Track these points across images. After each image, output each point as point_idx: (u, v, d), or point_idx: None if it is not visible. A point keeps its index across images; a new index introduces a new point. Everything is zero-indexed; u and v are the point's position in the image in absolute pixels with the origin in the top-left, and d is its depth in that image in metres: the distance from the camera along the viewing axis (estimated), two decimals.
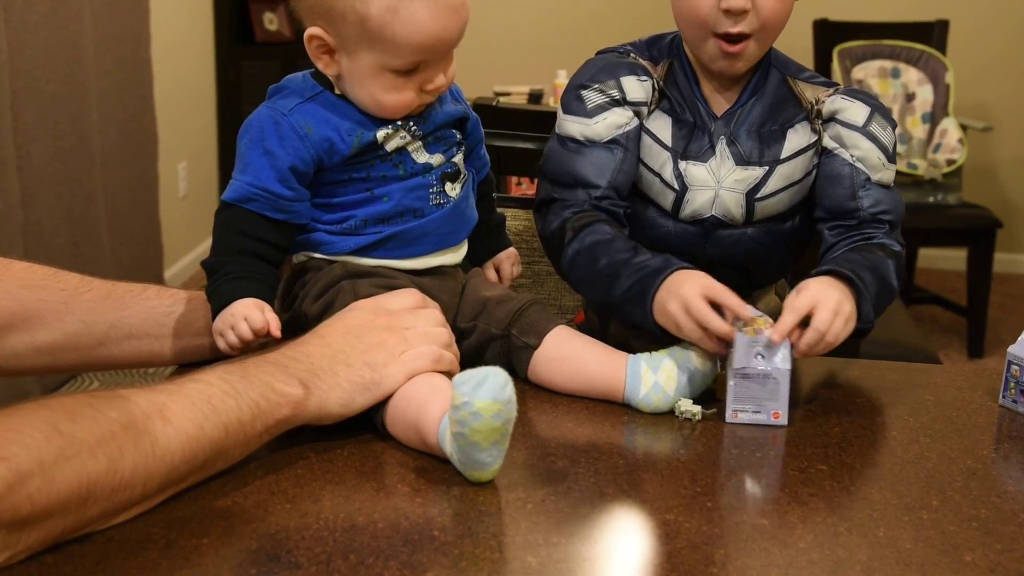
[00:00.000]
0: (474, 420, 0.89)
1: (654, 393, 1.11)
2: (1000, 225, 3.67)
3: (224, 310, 1.06)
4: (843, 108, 1.29)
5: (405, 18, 1.05)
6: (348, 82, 1.11)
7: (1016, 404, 1.17)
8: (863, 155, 1.29)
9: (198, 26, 4.32)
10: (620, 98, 1.29)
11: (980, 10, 4.43)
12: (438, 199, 1.16)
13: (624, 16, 4.68)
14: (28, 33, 2.80)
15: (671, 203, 1.31)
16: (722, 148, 1.29)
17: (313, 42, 1.10)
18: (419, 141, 1.15)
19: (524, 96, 3.87)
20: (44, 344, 1.12)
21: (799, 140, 1.30)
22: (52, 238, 2.96)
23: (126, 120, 3.48)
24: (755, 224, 1.32)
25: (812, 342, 1.11)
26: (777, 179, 1.29)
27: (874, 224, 1.29)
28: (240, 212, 1.09)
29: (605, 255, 1.22)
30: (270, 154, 1.09)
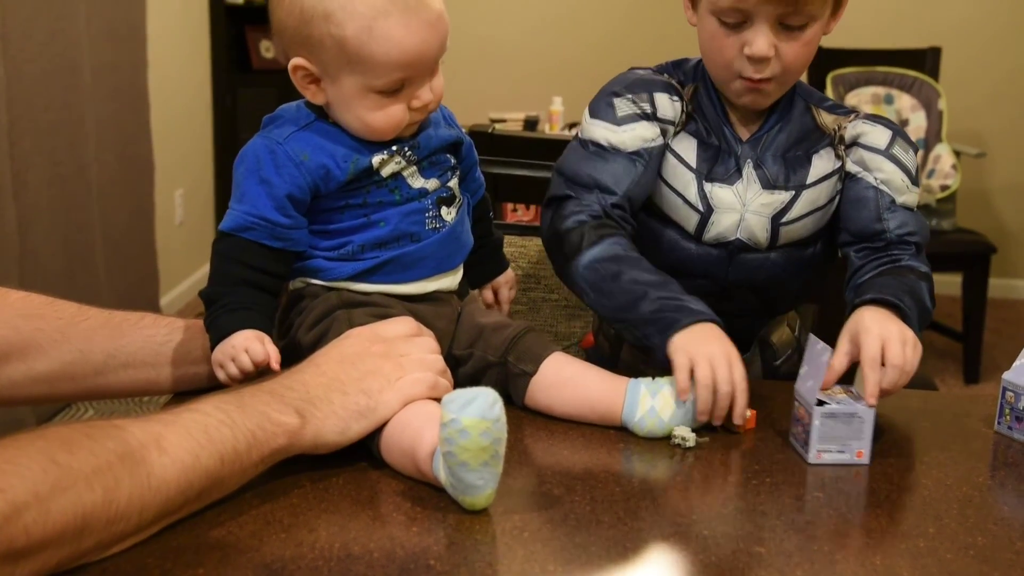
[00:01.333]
0: (461, 438, 0.89)
1: (649, 417, 1.11)
2: (994, 250, 3.68)
3: (224, 341, 1.06)
4: (865, 132, 1.31)
5: (381, 36, 1.06)
6: (336, 108, 1.12)
7: (1012, 431, 1.17)
8: (887, 178, 1.30)
9: (195, 54, 4.33)
10: (651, 112, 1.29)
11: (972, 37, 4.46)
12: (434, 223, 1.17)
13: (621, 43, 4.71)
14: (25, 61, 2.81)
15: (695, 225, 1.31)
16: (749, 172, 1.30)
17: (298, 72, 1.10)
18: (414, 166, 1.15)
19: (520, 123, 3.88)
20: (41, 373, 1.12)
21: (824, 166, 1.31)
22: (48, 265, 2.96)
23: (123, 147, 3.49)
24: (778, 249, 1.32)
25: (895, 380, 1.12)
26: (803, 204, 1.30)
27: (901, 246, 1.30)
28: (238, 241, 1.09)
29: (633, 271, 1.21)
30: (267, 183, 1.09)
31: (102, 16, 3.27)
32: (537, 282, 1.72)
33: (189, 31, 4.27)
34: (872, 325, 1.15)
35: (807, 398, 1.09)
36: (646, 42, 4.67)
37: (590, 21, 4.74)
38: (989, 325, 3.99)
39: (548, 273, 1.72)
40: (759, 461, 1.09)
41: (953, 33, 4.38)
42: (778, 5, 1.18)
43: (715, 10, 1.22)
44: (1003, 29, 4.49)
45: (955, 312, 3.92)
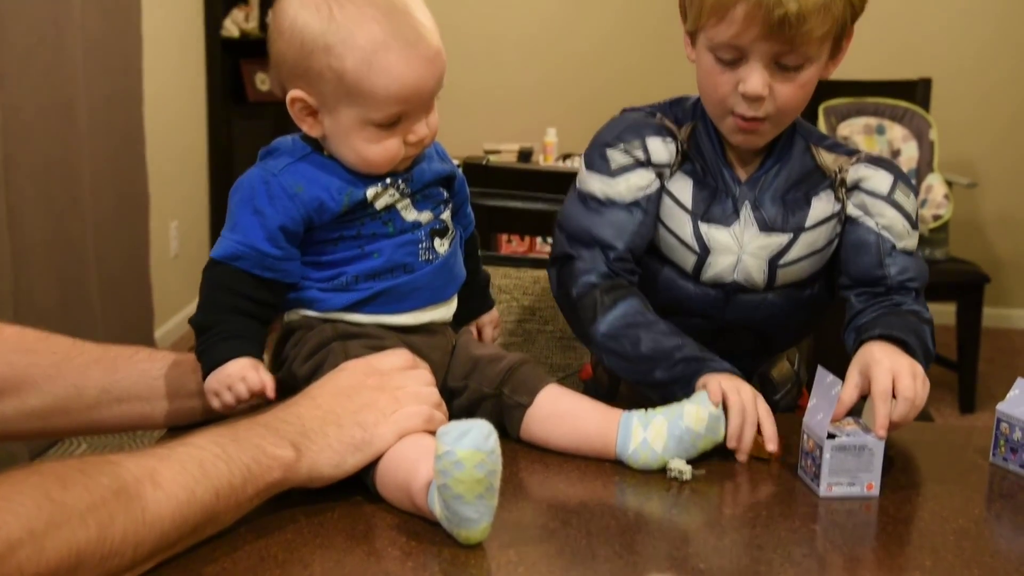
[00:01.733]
0: (456, 470, 0.89)
1: (642, 450, 1.11)
2: (988, 280, 3.70)
3: (218, 370, 1.07)
4: (867, 176, 1.31)
5: (380, 70, 1.06)
6: (333, 140, 1.12)
7: (1007, 462, 1.17)
8: (888, 223, 1.30)
9: (191, 86, 4.35)
10: (645, 159, 1.29)
11: (961, 68, 4.50)
12: (427, 255, 1.17)
13: (615, 75, 4.74)
14: (22, 96, 2.82)
15: (692, 265, 1.31)
16: (747, 213, 1.29)
17: (296, 105, 1.11)
18: (407, 199, 1.16)
19: (514, 154, 3.90)
20: (35, 408, 1.12)
21: (823, 208, 1.30)
22: (43, 298, 2.96)
23: (118, 180, 3.49)
24: (776, 289, 1.32)
25: (905, 412, 1.13)
26: (801, 246, 1.30)
27: (901, 291, 1.30)
28: (228, 270, 1.10)
29: (651, 335, 1.23)
30: (260, 213, 1.09)
31: (98, 51, 3.29)
32: (532, 313, 1.73)
33: (185, 64, 4.29)
34: (883, 358, 1.16)
35: (817, 431, 1.09)
36: (640, 75, 4.71)
37: (584, 53, 4.78)
38: (984, 354, 3.99)
39: (543, 304, 1.72)
40: (756, 493, 1.09)
41: (943, 65, 4.42)
42: (774, 44, 1.18)
43: (711, 46, 1.22)
44: (992, 61, 4.53)
45: (949, 341, 3.93)
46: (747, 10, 1.16)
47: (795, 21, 1.15)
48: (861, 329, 1.25)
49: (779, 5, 1.14)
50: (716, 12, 1.18)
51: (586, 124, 1.36)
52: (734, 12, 1.17)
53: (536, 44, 4.77)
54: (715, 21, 1.19)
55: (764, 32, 1.17)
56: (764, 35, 1.17)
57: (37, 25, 2.88)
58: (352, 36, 1.06)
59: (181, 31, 4.23)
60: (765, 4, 1.15)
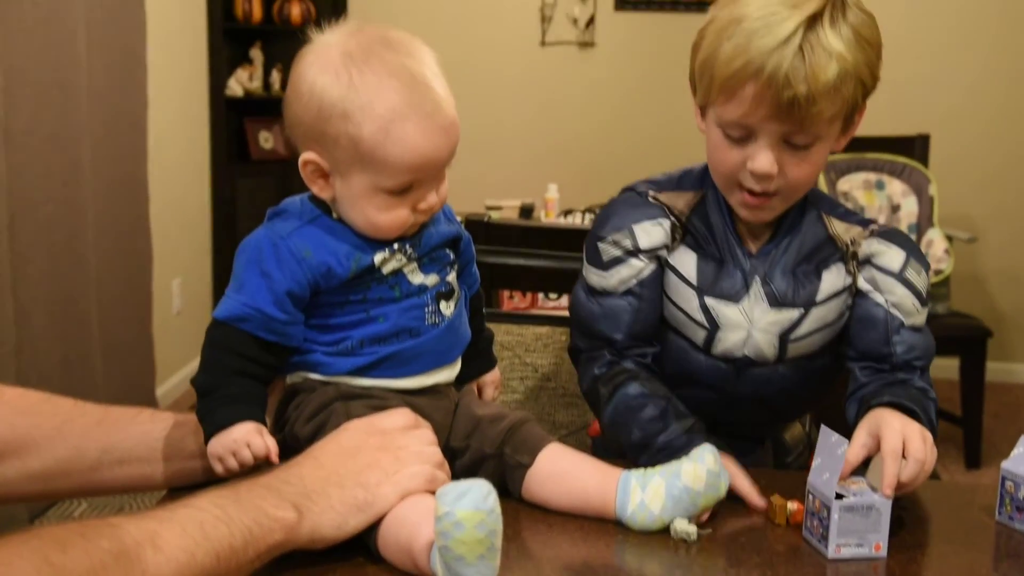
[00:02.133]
0: (456, 530, 0.88)
1: (639, 512, 1.09)
2: (990, 334, 3.69)
3: (222, 433, 1.06)
4: (880, 252, 1.29)
5: (397, 139, 1.07)
6: (343, 204, 1.13)
7: (1012, 520, 1.16)
8: (898, 301, 1.28)
9: (195, 144, 4.39)
10: (633, 248, 1.30)
11: (959, 125, 4.54)
12: (433, 318, 1.17)
13: (615, 132, 4.78)
14: (27, 156, 2.85)
15: (702, 339, 1.30)
16: (757, 289, 1.28)
17: (308, 167, 1.11)
18: (414, 262, 1.16)
19: (515, 210, 3.91)
20: (36, 471, 1.11)
21: (834, 282, 1.29)
22: (45, 357, 2.96)
23: (121, 238, 3.51)
24: (786, 361, 1.31)
25: (915, 473, 1.11)
26: (812, 321, 1.29)
27: (906, 369, 1.28)
28: (232, 331, 1.09)
29: (636, 426, 1.26)
30: (267, 276, 1.09)
31: (104, 111, 3.32)
32: (535, 370, 1.72)
33: (189, 122, 4.33)
34: (893, 420, 1.15)
35: (824, 491, 1.08)
36: (641, 132, 4.75)
37: (584, 109, 4.82)
38: (988, 409, 3.97)
39: (545, 361, 1.72)
40: (762, 555, 1.07)
41: (941, 121, 4.45)
42: (783, 124, 1.17)
43: (720, 123, 1.21)
44: (990, 117, 4.57)
45: (954, 396, 3.91)
46: (756, 90, 1.15)
47: (804, 103, 1.14)
48: (867, 397, 1.24)
49: (788, 87, 1.13)
50: (725, 91, 1.17)
51: (587, 180, 1.38)
52: (743, 92, 1.16)
53: (538, 101, 4.81)
54: (724, 99, 1.18)
55: (773, 112, 1.15)
56: (773, 115, 1.16)
57: (44, 88, 2.92)
58: (371, 104, 1.06)
59: (186, 89, 4.28)
60: (774, 85, 1.13)
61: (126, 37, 3.49)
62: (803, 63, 1.13)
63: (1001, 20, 4.51)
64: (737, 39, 1.15)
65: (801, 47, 1.13)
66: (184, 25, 4.26)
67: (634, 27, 4.73)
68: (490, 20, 4.76)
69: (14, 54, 2.77)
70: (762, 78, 1.14)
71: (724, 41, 1.17)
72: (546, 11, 4.76)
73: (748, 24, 1.15)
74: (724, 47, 1.16)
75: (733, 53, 1.15)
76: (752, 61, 1.14)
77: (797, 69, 1.13)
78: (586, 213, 3.56)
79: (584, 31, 4.76)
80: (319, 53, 1.09)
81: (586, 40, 4.77)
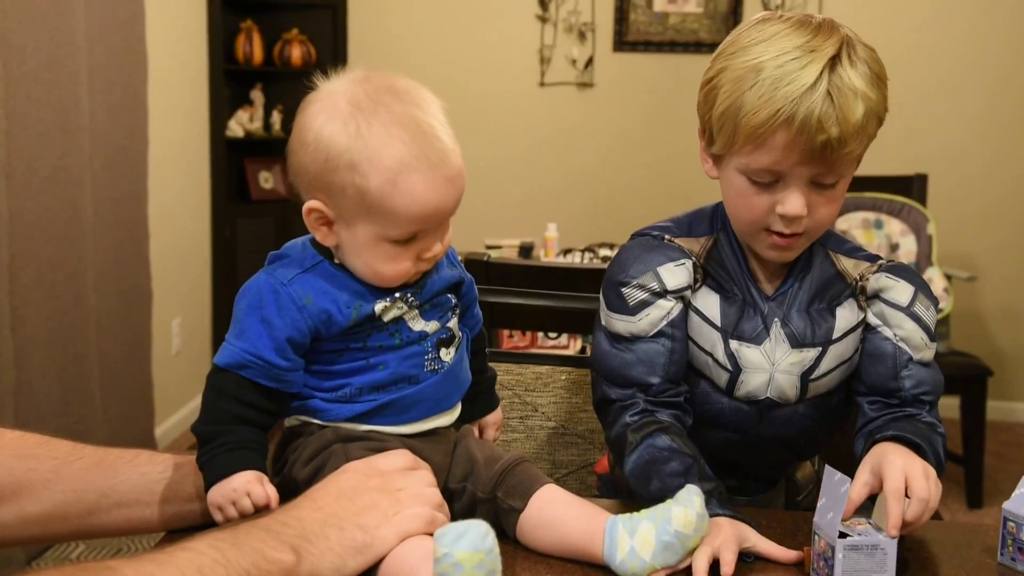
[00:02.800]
0: (456, 572, 0.88)
1: (629, 560, 1.06)
2: (991, 373, 3.69)
3: (223, 482, 1.05)
4: (888, 287, 1.29)
5: (404, 190, 1.06)
6: (347, 252, 1.12)
7: (1015, 562, 1.15)
8: (906, 335, 1.28)
9: (195, 185, 4.41)
10: (660, 290, 1.28)
11: (956, 165, 4.56)
12: (433, 365, 1.16)
13: (615, 171, 4.80)
14: (28, 197, 2.86)
15: (725, 382, 1.30)
16: (777, 331, 1.28)
17: (312, 214, 1.11)
18: (415, 310, 1.15)
19: (515, 249, 3.92)
20: (33, 515, 1.10)
21: (848, 318, 1.29)
22: (44, 397, 2.95)
23: (121, 278, 3.52)
24: (806, 401, 1.31)
25: (919, 512, 1.11)
26: (830, 359, 1.29)
27: (915, 404, 1.29)
28: (233, 377, 1.09)
29: (657, 477, 1.21)
30: (267, 323, 1.08)
31: (105, 151, 3.34)
32: (534, 409, 1.72)
33: (190, 163, 4.35)
34: (896, 458, 1.14)
35: (828, 531, 1.07)
36: (641, 171, 4.77)
37: (584, 149, 4.85)
38: (990, 448, 3.96)
39: (545, 400, 1.72)
40: None
41: (938, 161, 4.48)
42: (813, 167, 1.17)
43: (747, 170, 1.20)
44: (987, 156, 4.59)
45: (955, 435, 3.90)
46: (788, 138, 1.15)
47: (837, 145, 1.15)
48: (873, 433, 1.24)
49: (821, 131, 1.13)
50: (753, 140, 1.17)
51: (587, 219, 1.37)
52: (774, 140, 1.16)
53: (537, 140, 4.84)
54: (751, 148, 1.18)
55: (806, 158, 1.16)
56: (805, 160, 1.16)
57: (46, 129, 2.94)
58: (378, 155, 1.06)
59: (186, 130, 4.31)
60: (807, 131, 1.13)
61: (127, 78, 3.51)
62: (832, 107, 1.14)
63: (999, 60, 4.54)
64: (761, 88, 1.15)
65: (829, 91, 1.14)
66: (185, 66, 4.29)
67: (632, 68, 4.77)
68: (489, 61, 4.80)
69: (16, 96, 2.79)
70: (794, 125, 1.13)
71: (746, 91, 1.16)
72: (545, 52, 4.80)
73: (769, 72, 1.15)
74: (748, 97, 1.16)
75: (759, 103, 1.15)
76: (782, 110, 1.13)
77: (828, 113, 1.13)
78: (585, 252, 3.57)
79: (583, 72, 4.80)
80: (326, 101, 1.09)
81: (585, 81, 4.80)
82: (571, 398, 1.71)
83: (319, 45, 4.76)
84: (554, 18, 4.77)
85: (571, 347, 2.91)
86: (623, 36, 4.76)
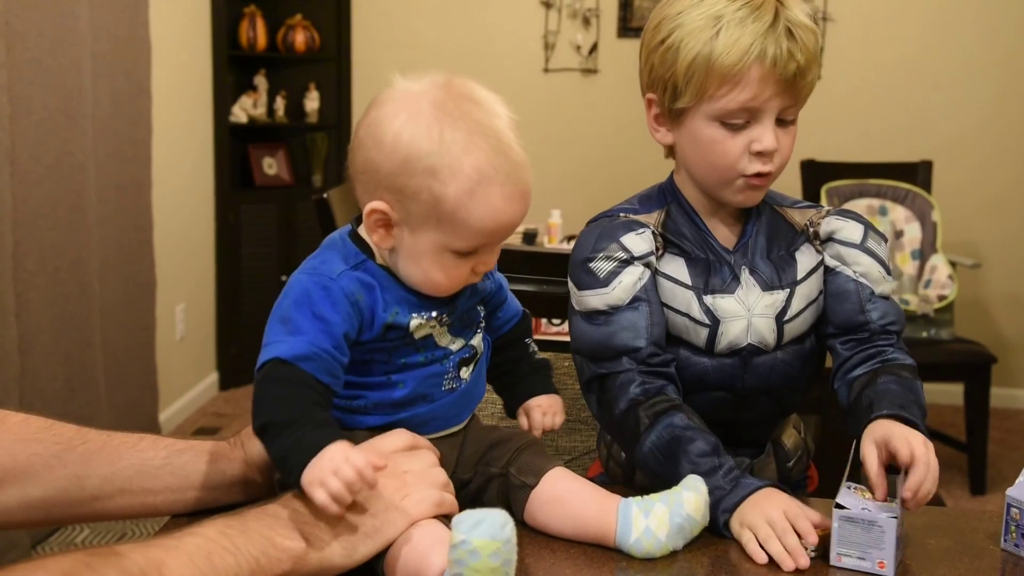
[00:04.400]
0: (472, 559, 0.88)
1: (645, 538, 1.09)
2: (995, 360, 3.68)
3: (316, 459, 0.97)
4: (839, 228, 1.37)
5: (480, 202, 1.04)
6: (403, 256, 1.09)
7: (1018, 548, 1.16)
8: (864, 270, 1.36)
9: (199, 172, 4.41)
10: (628, 257, 1.31)
11: (961, 152, 4.55)
12: (451, 384, 1.15)
13: (617, 158, 4.79)
14: (32, 184, 2.86)
15: (704, 339, 1.33)
16: (746, 277, 1.34)
17: (374, 215, 1.07)
18: (445, 327, 1.14)
19: (519, 235, 3.92)
20: (36, 499, 1.10)
21: (807, 261, 1.37)
22: (48, 383, 2.96)
23: (125, 265, 3.52)
24: (783, 348, 1.36)
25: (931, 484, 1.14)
26: (798, 300, 1.35)
27: (883, 335, 1.35)
28: (296, 370, 1.02)
29: (685, 458, 1.21)
30: (322, 319, 1.04)
31: (109, 139, 3.34)
32: None
33: (193, 149, 4.35)
34: (896, 431, 1.18)
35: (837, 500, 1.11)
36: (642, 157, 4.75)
37: (587, 136, 4.84)
38: (993, 435, 3.96)
39: None
40: None
41: (943, 148, 4.47)
42: (783, 99, 1.26)
43: (720, 114, 1.27)
44: (993, 143, 4.58)
45: (958, 422, 3.90)
46: (762, 72, 1.24)
47: (802, 74, 1.26)
48: (863, 400, 1.28)
49: (791, 60, 1.24)
50: (729, 80, 1.25)
51: (590, 206, 1.38)
52: (749, 76, 1.24)
53: (541, 127, 4.83)
54: (728, 88, 1.25)
55: (779, 89, 1.25)
56: (778, 92, 1.26)
57: (49, 115, 2.94)
58: (459, 163, 1.03)
59: (190, 117, 4.30)
60: (779, 62, 1.24)
61: (131, 65, 3.51)
62: (793, 40, 1.25)
63: (1005, 48, 4.53)
64: (728, 30, 1.24)
65: (787, 27, 1.25)
66: (189, 53, 4.29)
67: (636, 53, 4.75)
68: (493, 46, 4.79)
69: (20, 82, 2.79)
70: (767, 59, 1.24)
71: (712, 37, 1.25)
72: (549, 38, 4.79)
73: (730, 16, 1.24)
74: (719, 41, 1.24)
75: (730, 43, 1.24)
76: (753, 45, 1.23)
77: (792, 46, 1.25)
78: None
79: (587, 58, 4.78)
80: (406, 101, 1.06)
81: (589, 67, 4.79)
82: (574, 384, 1.72)
83: (323, 31, 4.75)
84: (558, 4, 4.75)
85: None
86: (627, 22, 4.75)
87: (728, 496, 1.17)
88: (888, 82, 4.58)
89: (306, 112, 4.78)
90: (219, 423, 4.17)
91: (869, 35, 4.53)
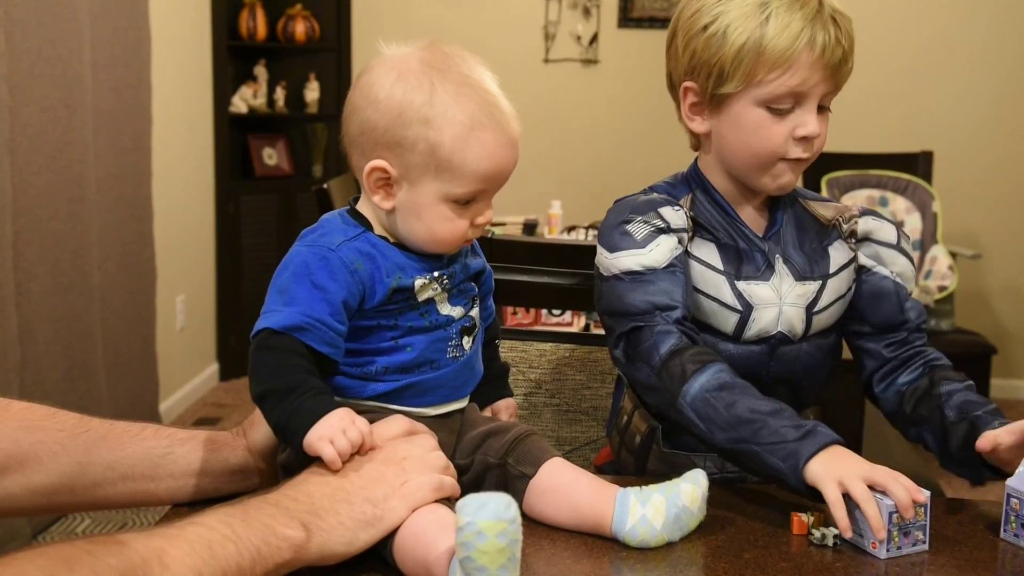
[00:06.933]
0: (479, 540, 0.88)
1: (641, 526, 1.09)
2: (995, 351, 3.69)
3: (319, 423, 1.02)
4: (876, 228, 1.40)
5: (475, 145, 1.09)
6: (404, 214, 1.13)
7: (1018, 538, 1.16)
8: (901, 271, 1.40)
9: (199, 161, 4.41)
10: (665, 226, 1.31)
11: (962, 141, 4.55)
12: (455, 352, 1.17)
13: (619, 150, 4.79)
14: (32, 174, 2.86)
15: (734, 325, 1.33)
16: (780, 266, 1.35)
17: (374, 174, 1.12)
18: (445, 293, 1.16)
19: (519, 226, 3.93)
20: (39, 486, 1.11)
21: (840, 256, 1.39)
22: (49, 373, 2.96)
23: (126, 255, 3.52)
24: (808, 339, 1.37)
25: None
26: (829, 293, 1.36)
27: (917, 333, 1.40)
28: (291, 340, 1.05)
29: (746, 399, 1.20)
30: (321, 288, 1.07)
31: (108, 128, 3.34)
32: (538, 387, 1.73)
33: (193, 139, 4.35)
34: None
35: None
36: (643, 148, 4.76)
37: (588, 126, 4.83)
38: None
39: (549, 378, 1.72)
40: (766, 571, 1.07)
41: (944, 138, 4.47)
42: (828, 84, 1.29)
43: (767, 99, 1.28)
44: (993, 134, 4.58)
45: None
46: (812, 58, 1.27)
47: (845, 59, 1.29)
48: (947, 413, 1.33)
49: (838, 46, 1.28)
50: (779, 65, 1.27)
51: (591, 197, 1.38)
52: (799, 61, 1.26)
53: (541, 117, 4.83)
54: (778, 74, 1.27)
55: (826, 75, 1.28)
56: (825, 78, 1.28)
57: (49, 105, 2.93)
58: (452, 111, 1.09)
59: (190, 107, 4.30)
60: (827, 48, 1.27)
61: (131, 55, 3.51)
62: (837, 27, 1.28)
63: (1007, 39, 4.52)
64: (778, 16, 1.26)
65: (831, 15, 1.28)
66: (188, 43, 4.28)
67: (637, 44, 4.75)
68: (493, 37, 4.78)
69: (19, 71, 2.79)
70: (816, 45, 1.26)
71: (762, 23, 1.27)
72: (549, 28, 4.78)
73: (777, 3, 1.27)
74: (769, 27, 1.26)
75: (781, 29, 1.26)
76: (803, 31, 1.26)
77: (837, 32, 1.28)
78: (589, 229, 3.57)
79: (587, 48, 4.78)
80: (395, 62, 1.12)
81: (589, 57, 4.79)
82: (575, 375, 1.72)
83: (323, 21, 4.75)
84: None
85: (575, 324, 2.92)
86: (628, 12, 4.75)
87: (796, 444, 1.15)
88: (888, 72, 4.57)
89: (306, 102, 4.78)
90: (219, 413, 4.18)
91: (870, 26, 4.52)
